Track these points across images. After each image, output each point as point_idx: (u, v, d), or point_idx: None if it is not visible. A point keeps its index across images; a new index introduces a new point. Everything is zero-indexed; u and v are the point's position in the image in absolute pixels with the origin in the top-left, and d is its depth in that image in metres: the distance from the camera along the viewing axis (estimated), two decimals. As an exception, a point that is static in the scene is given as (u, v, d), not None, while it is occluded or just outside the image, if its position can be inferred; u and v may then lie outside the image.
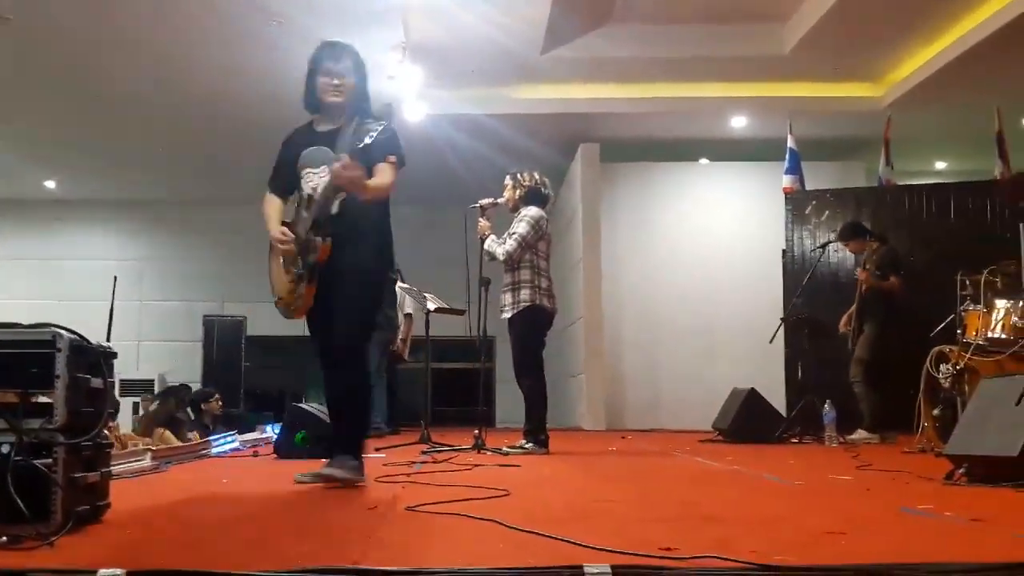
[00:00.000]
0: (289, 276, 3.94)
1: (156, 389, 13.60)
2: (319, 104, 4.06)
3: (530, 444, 6.25)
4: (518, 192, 6.59)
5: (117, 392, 9.91)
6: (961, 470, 3.94)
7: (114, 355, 2.76)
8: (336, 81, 3.98)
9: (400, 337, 9.88)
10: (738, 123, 11.58)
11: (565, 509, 3.18)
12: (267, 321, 14.03)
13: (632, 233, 12.26)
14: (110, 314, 6.22)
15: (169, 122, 11.61)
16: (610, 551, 2.08)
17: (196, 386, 11.21)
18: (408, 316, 9.97)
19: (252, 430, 8.11)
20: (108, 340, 3.83)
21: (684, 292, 12.02)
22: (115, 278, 6.58)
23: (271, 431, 7.72)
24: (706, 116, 11.46)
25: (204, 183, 14.57)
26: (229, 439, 6.91)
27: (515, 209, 6.60)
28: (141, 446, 5.45)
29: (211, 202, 15.24)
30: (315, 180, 3.89)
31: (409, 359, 10.23)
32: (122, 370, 13.04)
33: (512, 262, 6.39)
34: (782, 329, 8.85)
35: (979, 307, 6.01)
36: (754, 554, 2.01)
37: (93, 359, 2.63)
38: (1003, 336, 5.85)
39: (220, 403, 9.74)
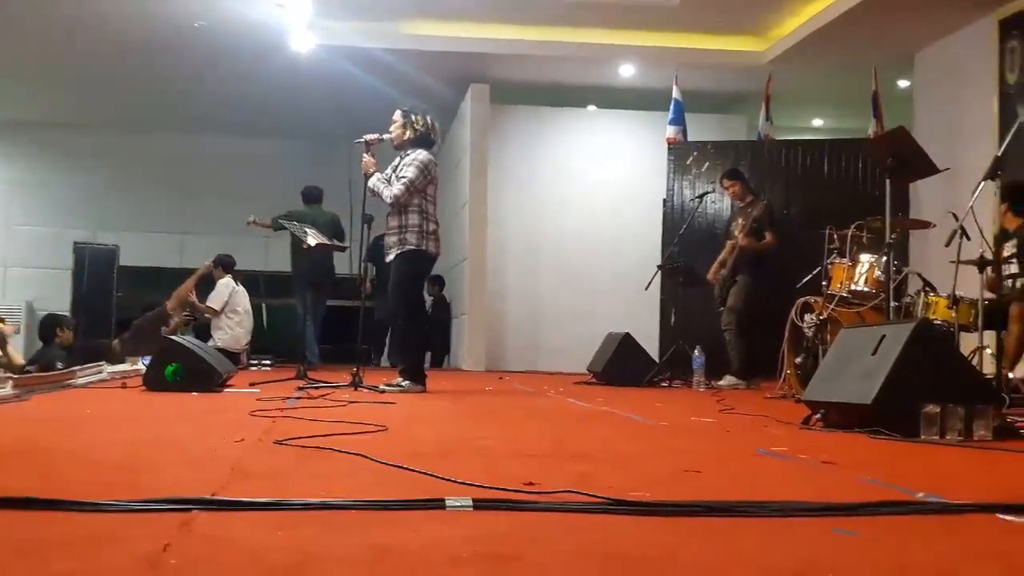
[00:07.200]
0: None
1: (23, 316, 13.19)
2: None
3: (407, 382, 6.27)
4: (407, 133, 6.47)
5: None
6: (818, 416, 4.10)
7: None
8: None
9: None
10: (627, 71, 11.63)
11: (434, 445, 3.22)
12: (140, 251, 13.91)
13: (519, 176, 12.25)
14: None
15: (40, 38, 11.03)
16: (473, 485, 2.12)
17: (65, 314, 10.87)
18: None
19: (122, 361, 7.92)
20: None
21: (567, 237, 12.11)
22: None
23: (142, 364, 7.55)
24: (596, 63, 11.46)
25: (78, 105, 13.92)
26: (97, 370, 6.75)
27: (400, 147, 6.50)
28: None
29: (85, 125, 14.62)
30: None
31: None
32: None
33: (399, 205, 6.32)
34: (658, 276, 9.00)
35: (844, 260, 6.25)
36: (611, 490, 2.08)
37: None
38: (866, 289, 6.13)
39: (70, 332, 9.42)
